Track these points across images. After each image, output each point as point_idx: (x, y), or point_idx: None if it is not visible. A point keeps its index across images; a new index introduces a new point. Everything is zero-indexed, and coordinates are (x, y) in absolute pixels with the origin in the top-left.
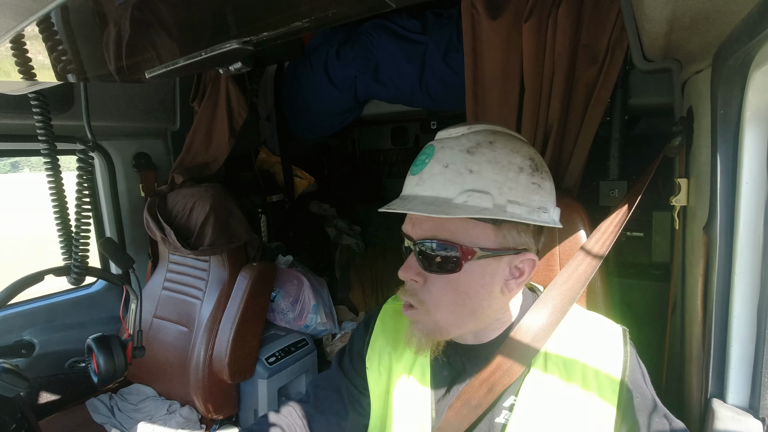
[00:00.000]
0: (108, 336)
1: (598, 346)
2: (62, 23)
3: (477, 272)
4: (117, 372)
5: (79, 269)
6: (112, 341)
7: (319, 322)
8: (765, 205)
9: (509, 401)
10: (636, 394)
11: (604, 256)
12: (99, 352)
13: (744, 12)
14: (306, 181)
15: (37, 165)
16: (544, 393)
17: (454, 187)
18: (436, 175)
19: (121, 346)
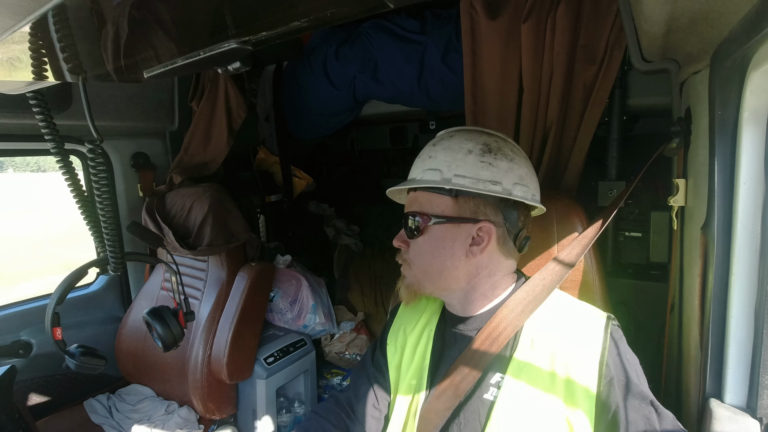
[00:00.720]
0: (160, 308)
1: (580, 329)
2: (60, 22)
3: (437, 236)
4: (176, 337)
5: (116, 257)
6: (165, 312)
7: (317, 322)
8: (762, 206)
9: (496, 378)
10: (615, 377)
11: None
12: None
13: (742, 13)
14: (305, 181)
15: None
16: (530, 371)
17: (419, 170)
18: (415, 164)
19: (173, 314)
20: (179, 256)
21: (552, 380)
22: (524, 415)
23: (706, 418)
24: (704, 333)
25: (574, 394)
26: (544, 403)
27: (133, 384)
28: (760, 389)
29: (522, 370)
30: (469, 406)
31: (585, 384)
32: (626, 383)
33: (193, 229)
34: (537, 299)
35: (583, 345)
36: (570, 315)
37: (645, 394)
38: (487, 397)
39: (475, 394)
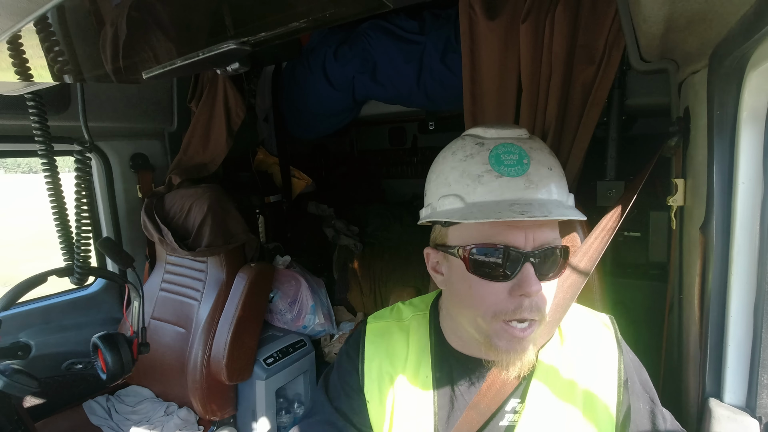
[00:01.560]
0: (113, 333)
1: (594, 342)
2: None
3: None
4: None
5: (82, 269)
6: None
7: (317, 322)
8: (761, 205)
9: (511, 405)
10: (628, 380)
11: (601, 253)
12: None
13: (740, 13)
14: (304, 182)
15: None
16: (548, 396)
17: (563, 189)
18: (545, 178)
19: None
20: (178, 256)
21: (573, 397)
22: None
23: (706, 418)
24: (703, 332)
25: (595, 408)
26: (566, 422)
27: (133, 385)
28: (759, 388)
29: (540, 395)
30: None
31: (606, 397)
32: (637, 384)
33: (193, 230)
34: (563, 307)
35: (601, 359)
36: (580, 328)
37: (652, 394)
38: (503, 425)
39: (490, 423)
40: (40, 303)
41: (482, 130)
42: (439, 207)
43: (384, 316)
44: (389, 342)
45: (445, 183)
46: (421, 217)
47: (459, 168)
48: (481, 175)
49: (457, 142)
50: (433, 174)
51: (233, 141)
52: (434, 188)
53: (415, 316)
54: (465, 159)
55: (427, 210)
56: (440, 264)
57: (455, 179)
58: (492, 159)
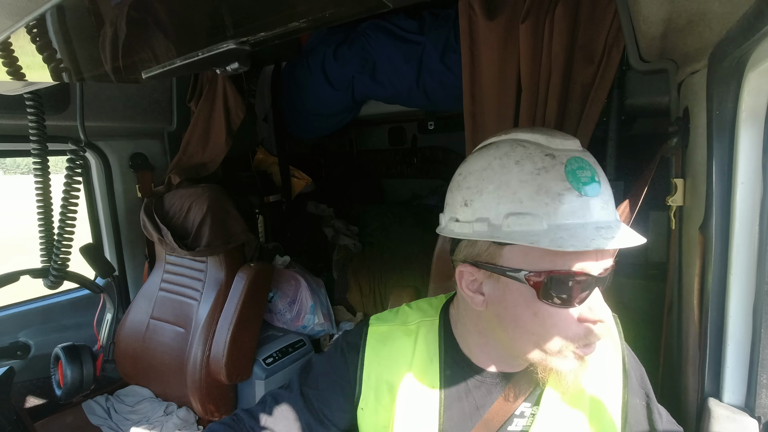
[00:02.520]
0: (78, 346)
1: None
2: (58, 23)
3: None
4: (84, 385)
5: (57, 273)
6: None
7: (316, 322)
8: (760, 205)
9: (521, 409)
10: (632, 377)
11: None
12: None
13: (739, 13)
14: (303, 182)
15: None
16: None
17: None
18: (611, 197)
19: (91, 357)
20: (178, 256)
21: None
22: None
23: (705, 418)
24: (702, 332)
25: (604, 407)
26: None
27: (132, 385)
28: (758, 388)
29: (553, 399)
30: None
31: (613, 396)
32: (634, 380)
33: (192, 230)
34: None
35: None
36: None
37: (648, 390)
38: (512, 429)
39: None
40: (39, 303)
41: (543, 138)
42: (506, 226)
43: (387, 319)
44: (391, 348)
45: (513, 198)
46: (456, 230)
47: (532, 183)
48: (561, 193)
49: (516, 150)
50: (488, 183)
51: (233, 141)
52: (492, 202)
53: (423, 321)
54: (538, 173)
55: (477, 226)
56: (479, 283)
57: (529, 196)
58: (569, 175)
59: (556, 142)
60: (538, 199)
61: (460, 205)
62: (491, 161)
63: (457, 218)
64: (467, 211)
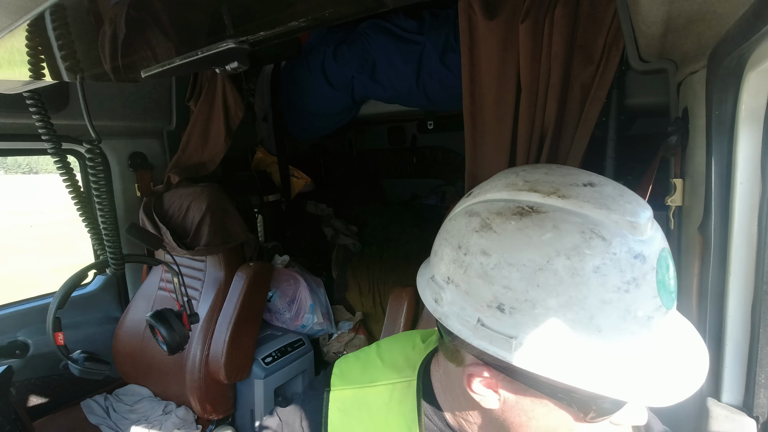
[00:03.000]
0: (163, 311)
1: None
2: (57, 22)
3: None
4: (181, 340)
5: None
6: (168, 314)
7: (315, 322)
8: (759, 206)
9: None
10: None
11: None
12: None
13: (738, 13)
14: (303, 181)
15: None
16: None
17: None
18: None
19: (176, 316)
20: (177, 256)
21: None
22: None
23: (703, 417)
24: (701, 332)
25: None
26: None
27: (131, 384)
28: (757, 388)
29: None
30: None
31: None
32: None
33: (191, 229)
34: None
35: None
36: None
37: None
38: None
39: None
40: (37, 302)
41: (626, 222)
42: (565, 347)
43: (352, 378)
44: (360, 420)
45: (588, 325)
46: (489, 347)
47: (618, 304)
48: (651, 317)
49: (592, 245)
50: (550, 297)
51: (232, 140)
52: (547, 314)
53: (396, 384)
54: (627, 288)
55: (519, 342)
56: (499, 386)
57: (612, 323)
58: (660, 287)
59: (643, 228)
60: (624, 327)
61: (490, 305)
62: (552, 258)
63: (481, 320)
64: (504, 320)
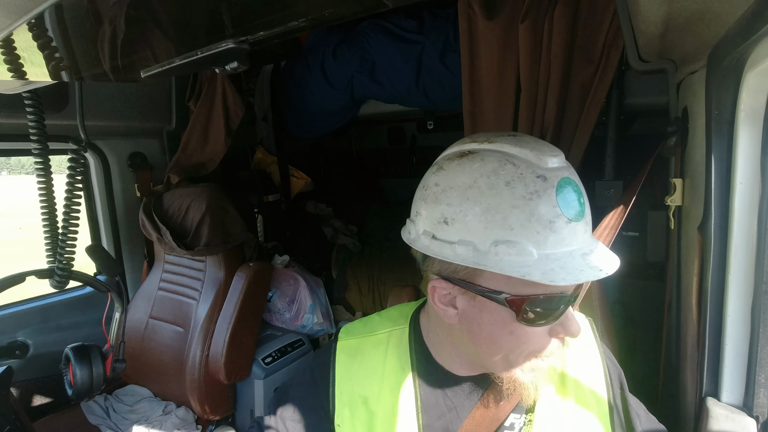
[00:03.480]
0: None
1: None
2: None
3: None
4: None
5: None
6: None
7: (315, 322)
8: (759, 205)
9: (510, 420)
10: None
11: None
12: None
13: (738, 13)
14: (302, 181)
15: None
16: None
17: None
18: (590, 219)
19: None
20: (177, 255)
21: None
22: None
23: (703, 417)
24: (701, 332)
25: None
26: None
27: (131, 384)
28: (757, 388)
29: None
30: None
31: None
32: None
33: (191, 229)
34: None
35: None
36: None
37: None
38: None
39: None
40: (37, 302)
41: (533, 155)
42: (494, 254)
43: (356, 331)
44: (362, 361)
45: (503, 225)
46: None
47: (524, 209)
48: (552, 221)
49: (506, 168)
50: (474, 205)
51: (232, 140)
52: (479, 225)
53: (393, 331)
54: (530, 198)
55: (460, 249)
56: (453, 297)
57: (520, 223)
58: (560, 200)
59: (546, 160)
60: (530, 227)
61: (439, 221)
62: (477, 178)
63: (434, 235)
64: (448, 231)
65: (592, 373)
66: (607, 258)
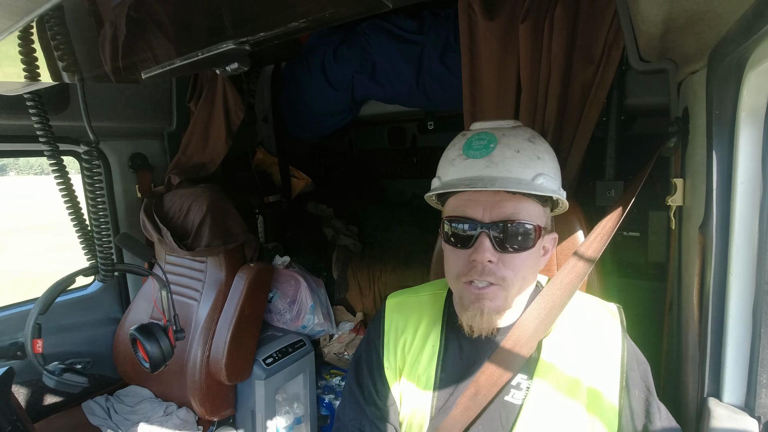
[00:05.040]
0: (149, 324)
1: (600, 328)
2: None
3: (537, 249)
4: (165, 356)
5: (106, 266)
6: (155, 329)
7: (316, 322)
8: (760, 205)
9: (516, 380)
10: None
11: (600, 253)
12: (145, 340)
13: (738, 13)
14: (303, 182)
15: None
16: (556, 374)
17: (529, 170)
18: (509, 159)
19: (163, 331)
20: (178, 256)
21: (577, 385)
22: (550, 420)
23: (705, 417)
24: (702, 332)
25: (599, 392)
26: (569, 408)
27: (132, 385)
28: (758, 388)
29: (548, 373)
30: (489, 410)
31: (609, 382)
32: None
33: (192, 230)
34: (560, 304)
35: (606, 345)
36: (589, 313)
37: (649, 384)
38: (509, 400)
39: (496, 398)
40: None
41: (479, 124)
42: (432, 185)
43: (402, 292)
44: (403, 313)
45: (439, 167)
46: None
47: (446, 155)
48: (453, 159)
49: (459, 135)
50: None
51: (232, 141)
52: (438, 169)
53: (433, 294)
54: (450, 148)
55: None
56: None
57: (441, 165)
58: (465, 146)
59: (478, 125)
60: (443, 165)
61: (437, 176)
62: (449, 144)
63: (433, 186)
64: (437, 182)
65: (607, 356)
66: (502, 184)
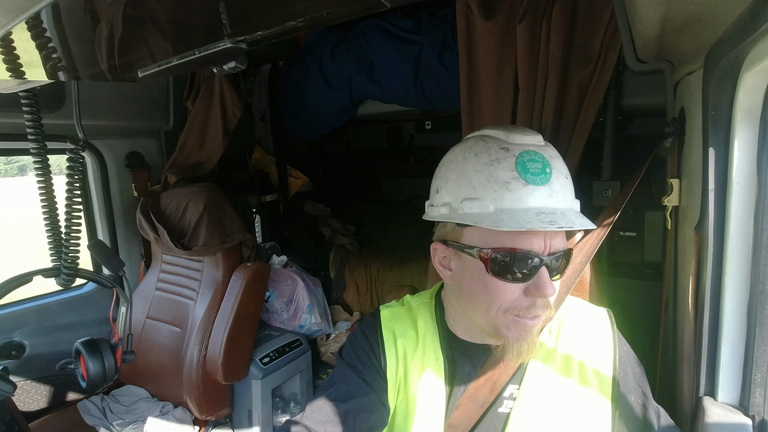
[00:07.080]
0: (97, 339)
1: (591, 333)
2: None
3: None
4: (107, 376)
5: (69, 271)
6: (102, 345)
7: (313, 322)
8: (755, 205)
9: (509, 391)
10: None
11: (594, 252)
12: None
13: (735, 14)
14: (300, 181)
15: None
16: (544, 382)
17: (573, 196)
18: (563, 187)
19: (110, 349)
20: (174, 256)
21: (566, 392)
22: (538, 428)
23: (700, 416)
24: (698, 332)
25: (590, 396)
26: (558, 415)
27: (128, 385)
28: (753, 387)
29: (535, 382)
30: (484, 423)
31: (600, 386)
32: (630, 377)
33: (189, 229)
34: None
35: (597, 350)
36: (578, 318)
37: (645, 388)
38: (501, 411)
39: (490, 410)
40: (34, 303)
41: (503, 134)
42: (462, 209)
43: (392, 304)
44: (401, 325)
45: (468, 185)
46: (430, 214)
47: (485, 172)
48: (508, 181)
49: (478, 144)
50: (452, 173)
51: (229, 140)
52: (454, 188)
53: (421, 303)
54: (491, 164)
55: (442, 210)
56: (449, 259)
57: (480, 183)
58: (518, 166)
59: (514, 137)
60: (488, 186)
61: (434, 192)
62: (457, 154)
63: (432, 203)
64: (437, 197)
65: (598, 362)
66: (571, 219)
